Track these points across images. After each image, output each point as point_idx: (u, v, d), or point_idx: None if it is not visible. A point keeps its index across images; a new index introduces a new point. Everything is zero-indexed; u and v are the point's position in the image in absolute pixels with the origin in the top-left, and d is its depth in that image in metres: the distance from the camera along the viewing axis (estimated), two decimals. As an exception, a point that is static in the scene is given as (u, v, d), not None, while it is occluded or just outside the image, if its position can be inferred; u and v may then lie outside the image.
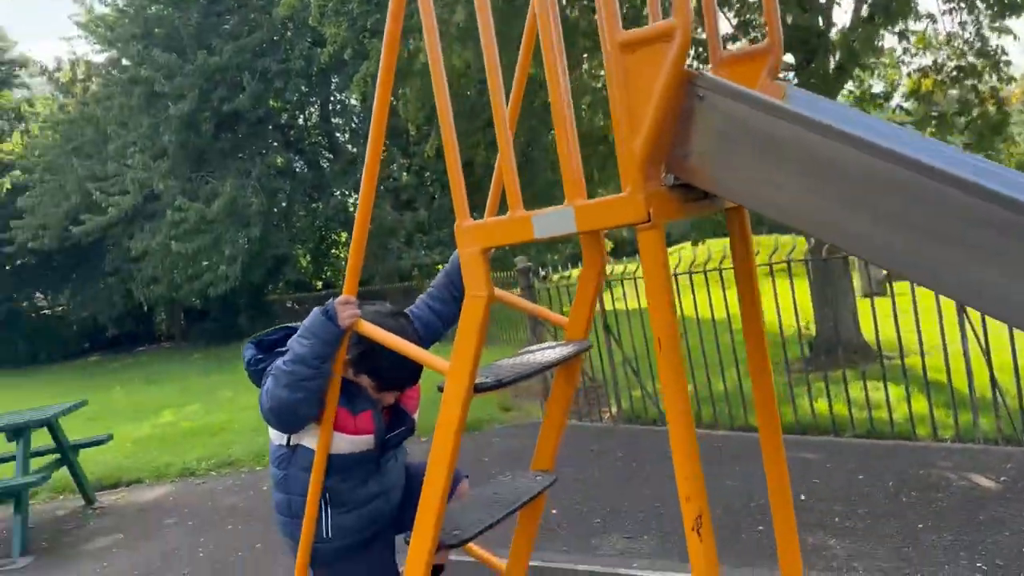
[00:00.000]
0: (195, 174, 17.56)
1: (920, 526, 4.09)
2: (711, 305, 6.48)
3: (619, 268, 6.73)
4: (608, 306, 7.16)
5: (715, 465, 5.50)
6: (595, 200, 1.50)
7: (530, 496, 1.99)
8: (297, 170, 19.08)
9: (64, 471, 6.70)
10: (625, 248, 28.23)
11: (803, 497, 4.67)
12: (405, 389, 2.18)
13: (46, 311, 25.98)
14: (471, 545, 2.41)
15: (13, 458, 5.85)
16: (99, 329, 25.58)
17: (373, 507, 2.17)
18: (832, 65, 7.91)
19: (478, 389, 1.69)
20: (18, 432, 5.76)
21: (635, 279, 6.76)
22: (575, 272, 7.09)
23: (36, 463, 6.26)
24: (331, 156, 19.40)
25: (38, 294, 25.60)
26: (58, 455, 6.47)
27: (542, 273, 8.29)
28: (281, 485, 2.18)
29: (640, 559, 4.13)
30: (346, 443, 2.07)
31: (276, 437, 2.17)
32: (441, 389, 1.72)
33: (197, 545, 5.29)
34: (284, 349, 2.07)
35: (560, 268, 7.91)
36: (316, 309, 1.99)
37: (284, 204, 18.72)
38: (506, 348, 11.23)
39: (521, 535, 2.19)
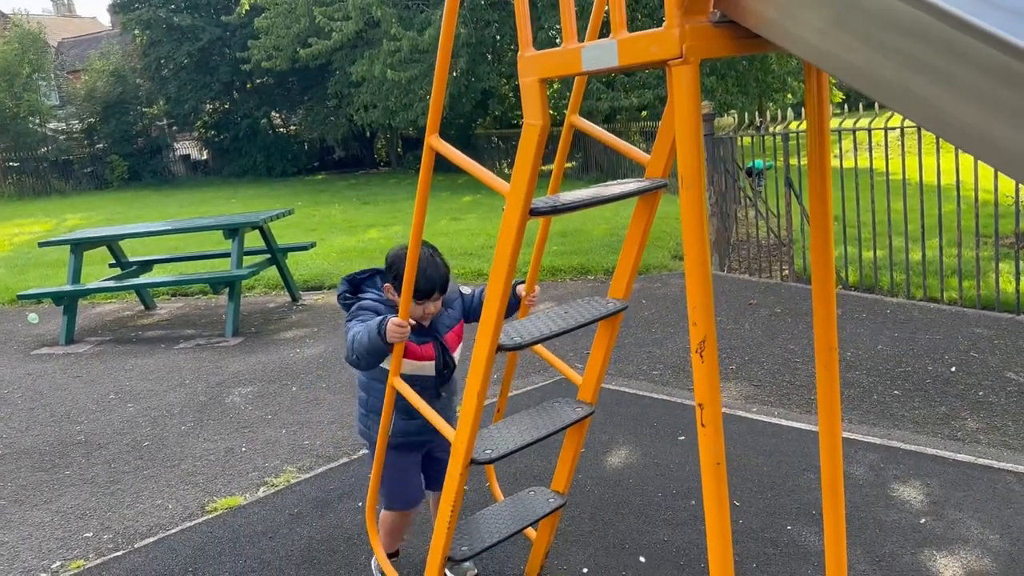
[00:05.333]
0: (411, 2, 17.95)
1: (1070, 411, 3.88)
2: (920, 168, 5.98)
3: (848, 122, 6.27)
4: (793, 161, 6.85)
5: (874, 329, 5.36)
6: (635, 34, 1.54)
7: (587, 320, 2.16)
8: (509, 1, 18.95)
9: (275, 272, 7.64)
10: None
11: (953, 369, 4.50)
12: (431, 296, 2.51)
13: (281, 129, 28.30)
14: (549, 355, 2.64)
15: (229, 254, 6.74)
16: (327, 150, 27.70)
17: (419, 422, 2.56)
18: None
19: (533, 212, 1.84)
20: (233, 231, 6.60)
21: (853, 132, 6.33)
22: (794, 124, 6.70)
23: (249, 260, 7.17)
24: (543, -14, 18.96)
25: (274, 113, 27.82)
26: (268, 255, 7.36)
27: (758, 122, 8.00)
28: (363, 385, 2.76)
29: (760, 405, 4.22)
30: (408, 366, 2.52)
31: None
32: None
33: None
34: (364, 297, 2.58)
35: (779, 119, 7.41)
36: (373, 325, 2.37)
37: (496, 37, 18.79)
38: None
39: (597, 346, 2.38)
